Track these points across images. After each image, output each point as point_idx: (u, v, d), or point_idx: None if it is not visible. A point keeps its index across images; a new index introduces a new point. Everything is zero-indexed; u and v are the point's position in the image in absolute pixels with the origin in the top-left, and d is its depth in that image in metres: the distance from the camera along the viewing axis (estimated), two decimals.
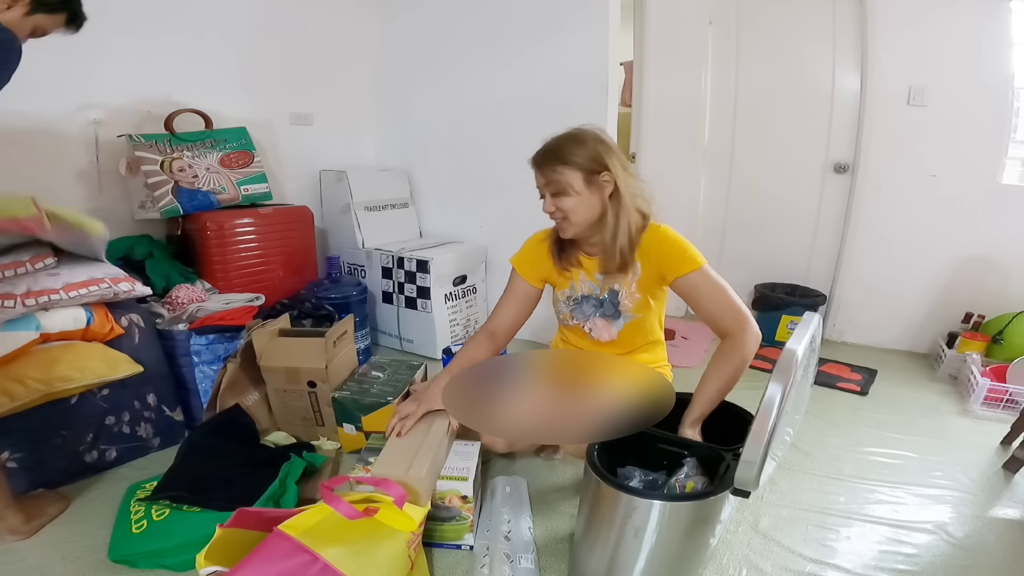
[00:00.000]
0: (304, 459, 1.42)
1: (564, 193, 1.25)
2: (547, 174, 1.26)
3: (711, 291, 1.23)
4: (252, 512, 0.98)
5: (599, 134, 1.29)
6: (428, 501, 1.15)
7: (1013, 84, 2.28)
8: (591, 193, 1.26)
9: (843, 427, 1.88)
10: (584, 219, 1.27)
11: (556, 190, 1.26)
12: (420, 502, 1.11)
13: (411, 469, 1.13)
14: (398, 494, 1.02)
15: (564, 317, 1.45)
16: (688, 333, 2.81)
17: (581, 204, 1.26)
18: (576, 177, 1.24)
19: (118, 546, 1.19)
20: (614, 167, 1.26)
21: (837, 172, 2.71)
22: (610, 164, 1.25)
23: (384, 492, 1.03)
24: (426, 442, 1.23)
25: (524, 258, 1.45)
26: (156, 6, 1.96)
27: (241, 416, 1.56)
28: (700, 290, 1.24)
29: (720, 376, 1.18)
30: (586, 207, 1.26)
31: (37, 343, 1.33)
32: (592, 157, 1.24)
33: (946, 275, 2.54)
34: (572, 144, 1.26)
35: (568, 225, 1.29)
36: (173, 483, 1.29)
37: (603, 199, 1.27)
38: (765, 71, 2.76)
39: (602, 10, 2.14)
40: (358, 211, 2.50)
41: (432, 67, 2.63)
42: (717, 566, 1.20)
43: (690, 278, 1.24)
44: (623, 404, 1.15)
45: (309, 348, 1.61)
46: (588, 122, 1.32)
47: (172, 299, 1.74)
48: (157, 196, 1.85)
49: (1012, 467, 1.62)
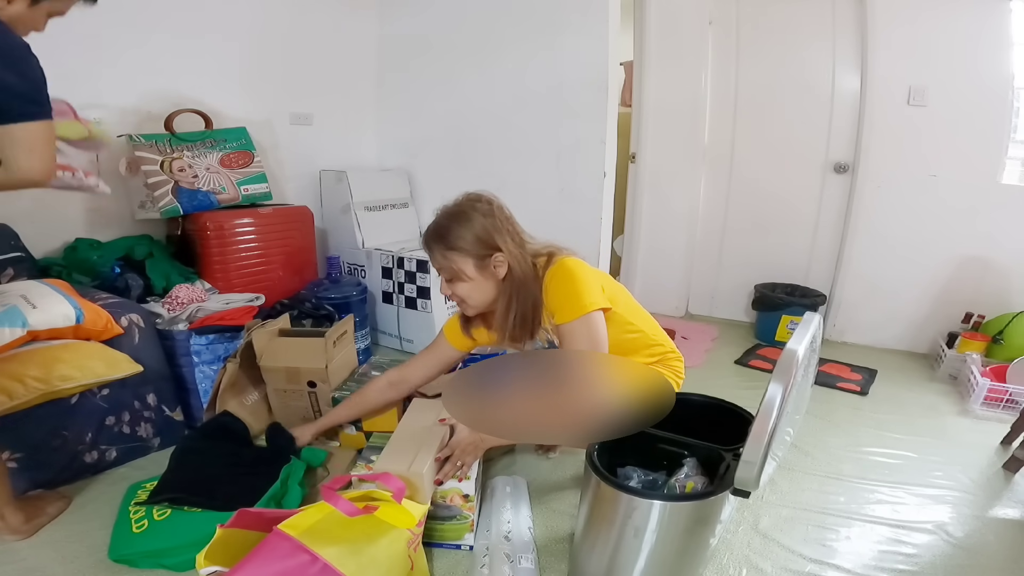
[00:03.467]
0: (303, 459, 1.42)
1: (457, 279, 1.22)
2: (437, 260, 1.23)
3: (579, 344, 1.21)
4: (253, 512, 0.97)
5: (488, 205, 1.24)
6: (429, 498, 1.15)
7: (1013, 84, 2.29)
8: (484, 278, 1.22)
9: (843, 427, 1.88)
10: (481, 302, 1.25)
11: (449, 276, 1.23)
12: (418, 498, 1.11)
13: (413, 465, 1.14)
14: (397, 487, 1.02)
15: None
16: (688, 333, 2.81)
17: (475, 289, 1.23)
18: (467, 263, 1.21)
19: (118, 545, 1.18)
20: (506, 245, 1.21)
21: (837, 172, 2.71)
22: (501, 243, 1.21)
23: (384, 485, 1.03)
24: (429, 440, 1.24)
25: (453, 325, 1.43)
26: (156, 6, 1.96)
27: (233, 422, 1.56)
28: (569, 339, 1.22)
29: None
30: (480, 292, 1.23)
31: (24, 340, 1.31)
32: (480, 239, 1.20)
33: (946, 275, 2.54)
34: (458, 226, 1.21)
35: (467, 307, 1.27)
36: (172, 485, 1.29)
37: (497, 281, 1.24)
38: (765, 71, 2.76)
39: (602, 10, 2.14)
40: (358, 211, 2.50)
41: (432, 67, 2.63)
42: (717, 566, 1.20)
43: (564, 328, 1.22)
44: (623, 403, 1.15)
45: (309, 348, 1.61)
46: (481, 190, 1.27)
47: (172, 299, 1.74)
48: (157, 196, 1.85)
49: (1012, 467, 1.61)
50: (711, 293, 3.17)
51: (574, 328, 1.21)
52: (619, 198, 3.05)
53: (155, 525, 1.20)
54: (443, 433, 1.27)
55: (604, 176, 2.28)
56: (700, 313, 3.21)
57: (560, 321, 1.22)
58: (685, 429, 1.16)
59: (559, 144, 2.35)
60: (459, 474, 1.20)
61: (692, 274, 3.16)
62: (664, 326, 1.48)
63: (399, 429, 1.31)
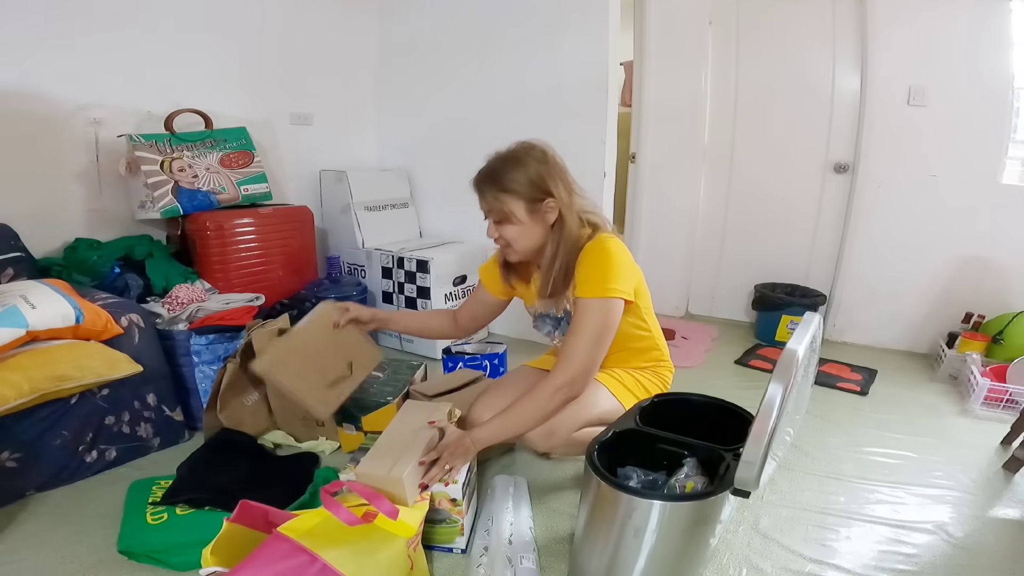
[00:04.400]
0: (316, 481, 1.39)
1: (507, 221, 1.21)
2: (488, 202, 1.21)
3: (579, 324, 1.18)
4: (257, 507, 0.97)
5: (543, 152, 1.23)
6: (412, 502, 1.11)
7: (1013, 84, 2.28)
8: (534, 222, 1.21)
9: (843, 427, 1.88)
10: (528, 247, 1.24)
11: (498, 218, 1.21)
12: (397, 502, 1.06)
13: (393, 469, 1.09)
14: (388, 509, 0.99)
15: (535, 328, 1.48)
16: (688, 333, 2.81)
17: (524, 233, 1.22)
18: (518, 206, 1.19)
19: (128, 536, 1.18)
20: (558, 192, 1.20)
21: (837, 172, 2.71)
22: (554, 189, 1.20)
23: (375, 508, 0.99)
24: (415, 443, 1.20)
25: (489, 268, 1.45)
26: (156, 6, 1.96)
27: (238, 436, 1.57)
28: (582, 314, 1.18)
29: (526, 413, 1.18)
30: (529, 236, 1.22)
31: (24, 341, 1.31)
32: (533, 183, 1.19)
33: (946, 275, 2.54)
34: (512, 169, 1.20)
35: (511, 252, 1.26)
36: (191, 486, 1.30)
37: (546, 227, 1.23)
38: (765, 71, 2.76)
39: (602, 10, 2.15)
40: (358, 211, 2.50)
41: (432, 67, 2.63)
42: (717, 566, 1.20)
43: (582, 301, 1.19)
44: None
45: None
46: (536, 137, 1.26)
47: (172, 299, 1.74)
48: (157, 196, 1.85)
49: (1012, 467, 1.61)
50: (711, 293, 3.17)
51: (591, 305, 1.18)
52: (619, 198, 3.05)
53: (175, 519, 1.21)
54: (430, 436, 1.23)
55: (604, 176, 2.28)
56: (700, 313, 3.21)
57: (580, 294, 1.20)
58: (685, 429, 1.16)
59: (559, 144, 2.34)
60: (446, 478, 1.15)
61: (692, 274, 3.16)
62: (664, 326, 1.48)
63: (386, 431, 1.27)
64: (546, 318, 1.40)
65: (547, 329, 1.42)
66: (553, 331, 1.41)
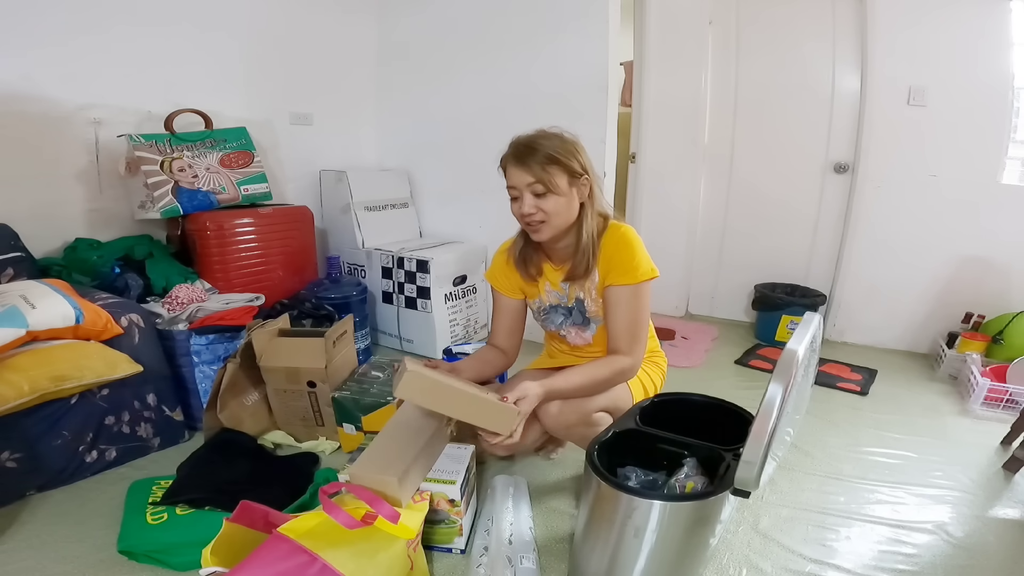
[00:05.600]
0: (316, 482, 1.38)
1: (552, 192, 1.19)
2: (535, 172, 1.18)
3: (628, 309, 1.22)
4: (256, 507, 0.97)
5: (572, 136, 1.25)
6: (406, 503, 1.10)
7: (1013, 84, 2.29)
8: (572, 195, 1.22)
9: (843, 427, 1.88)
10: (563, 222, 1.23)
11: (543, 190, 1.19)
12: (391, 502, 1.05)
13: (386, 469, 1.07)
14: (388, 513, 0.99)
15: (540, 324, 1.47)
16: (688, 333, 2.81)
17: (565, 207, 1.21)
18: (562, 178, 1.19)
19: (128, 536, 1.18)
20: (591, 169, 1.23)
21: (837, 172, 2.71)
22: (588, 167, 1.23)
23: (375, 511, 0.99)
24: (412, 442, 1.18)
25: (496, 273, 1.42)
26: (156, 6, 1.96)
27: (238, 436, 1.57)
28: (620, 305, 1.23)
29: (590, 373, 1.21)
30: (568, 210, 1.22)
31: (24, 341, 1.31)
32: (574, 156, 1.21)
33: (946, 275, 2.54)
34: (555, 142, 1.20)
35: (545, 228, 1.23)
36: (191, 486, 1.30)
37: (577, 204, 1.24)
38: (765, 71, 2.76)
39: (602, 10, 2.14)
40: (358, 211, 2.50)
41: (432, 67, 2.63)
42: (717, 566, 1.20)
43: (616, 289, 1.23)
44: None
45: (309, 348, 1.61)
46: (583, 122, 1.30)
47: (172, 299, 1.74)
48: (157, 196, 1.85)
49: (1012, 467, 1.61)
50: (711, 293, 3.17)
51: (624, 293, 1.23)
52: (619, 198, 3.06)
53: (175, 519, 1.21)
54: (428, 434, 1.22)
55: (604, 176, 2.28)
56: (700, 313, 3.21)
57: (614, 282, 1.23)
58: (685, 429, 1.17)
59: None
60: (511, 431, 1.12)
61: (692, 274, 3.16)
62: (664, 326, 1.50)
63: (384, 429, 1.24)
64: (557, 309, 1.38)
65: (559, 321, 1.40)
66: (564, 322, 1.39)
